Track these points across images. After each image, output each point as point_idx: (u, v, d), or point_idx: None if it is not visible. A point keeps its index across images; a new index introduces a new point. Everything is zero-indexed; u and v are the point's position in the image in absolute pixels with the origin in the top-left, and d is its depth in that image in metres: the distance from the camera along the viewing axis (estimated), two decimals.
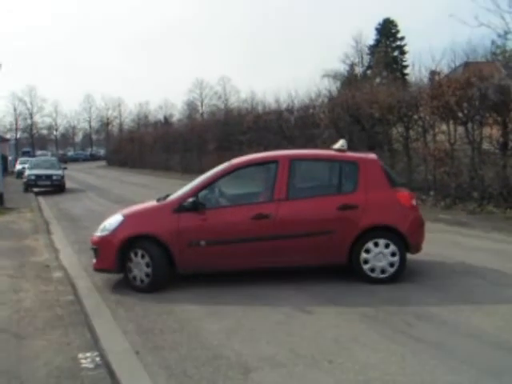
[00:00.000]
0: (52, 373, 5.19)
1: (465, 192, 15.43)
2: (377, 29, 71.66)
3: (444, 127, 16.84)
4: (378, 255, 8.07)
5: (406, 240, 8.17)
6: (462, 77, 16.22)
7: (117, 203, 20.13)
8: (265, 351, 5.65)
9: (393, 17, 71.60)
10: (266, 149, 26.50)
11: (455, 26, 68.27)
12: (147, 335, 6.25)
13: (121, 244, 8.12)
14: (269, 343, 5.87)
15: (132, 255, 8.10)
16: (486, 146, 15.61)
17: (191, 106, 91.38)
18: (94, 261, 8.50)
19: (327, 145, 19.98)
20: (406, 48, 70.19)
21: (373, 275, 8.08)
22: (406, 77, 50.25)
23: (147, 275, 8.04)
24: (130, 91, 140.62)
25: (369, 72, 65.62)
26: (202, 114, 77.99)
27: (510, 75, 18.08)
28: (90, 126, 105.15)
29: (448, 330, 6.14)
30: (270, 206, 8.10)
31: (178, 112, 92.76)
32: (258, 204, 8.27)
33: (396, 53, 70.54)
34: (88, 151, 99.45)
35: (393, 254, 8.08)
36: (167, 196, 8.91)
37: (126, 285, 8.33)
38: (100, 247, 8.38)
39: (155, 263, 8.00)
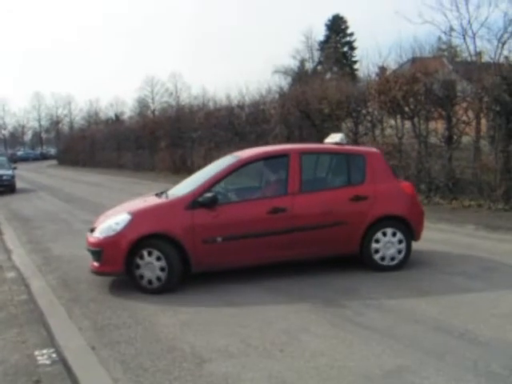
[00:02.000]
0: (9, 370, 5.25)
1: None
2: (327, 25, 72.24)
3: (392, 122, 17.26)
4: (387, 244, 8.42)
5: (411, 228, 8.58)
6: (408, 72, 16.65)
7: (69, 203, 20.05)
8: (218, 343, 5.79)
9: (342, 13, 72.31)
10: (217, 145, 26.74)
11: (402, 23, 69.39)
12: (103, 331, 6.32)
13: (131, 245, 7.68)
14: (222, 335, 6.01)
15: (145, 254, 7.70)
16: (432, 139, 16.05)
17: (142, 103, 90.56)
18: (96, 264, 7.97)
19: (278, 140, 20.36)
20: (355, 44, 70.98)
21: (383, 263, 8.42)
22: (356, 72, 50.99)
23: (158, 278, 7.71)
24: (80, 88, 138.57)
25: (319, 68, 66.19)
26: (153, 111, 77.40)
27: (455, 70, 18.54)
28: (40, 125, 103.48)
29: (395, 317, 6.38)
30: (286, 199, 8.15)
31: (129, 109, 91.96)
32: (273, 198, 8.26)
33: (346, 48, 71.23)
34: (38, 150, 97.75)
35: (400, 242, 8.48)
36: (165, 191, 8.90)
37: (80, 283, 8.38)
38: (105, 249, 7.82)
39: (171, 264, 7.70)
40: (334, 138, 9.30)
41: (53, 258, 10.39)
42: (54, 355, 5.51)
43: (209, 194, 7.90)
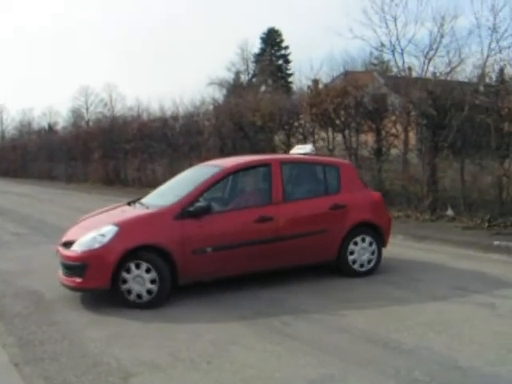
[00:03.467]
0: None
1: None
2: (262, 38, 72.64)
3: (323, 134, 17.54)
4: (361, 250, 8.76)
5: (382, 235, 9.02)
6: (339, 86, 16.98)
7: None
8: (145, 356, 5.74)
9: (277, 26, 72.91)
10: (150, 157, 26.58)
11: (335, 37, 70.56)
12: (27, 347, 6.16)
13: (120, 257, 7.30)
14: (149, 348, 5.96)
15: (132, 267, 7.37)
16: (362, 151, 16.41)
17: (76, 114, 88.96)
18: (78, 280, 7.43)
19: (212, 153, 20.40)
20: (290, 57, 71.66)
21: (358, 269, 8.80)
22: (291, 85, 51.52)
23: (149, 292, 7.40)
24: (13, 98, 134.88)
25: (254, 80, 66.57)
26: (87, 122, 76.17)
27: (386, 84, 19.00)
28: None
29: (323, 327, 6.48)
30: (271, 208, 8.24)
31: (62, 119, 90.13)
32: (258, 207, 8.29)
33: (280, 61, 71.84)
34: None
35: (372, 249, 8.90)
36: (138, 199, 8.86)
37: (5, 298, 8.17)
38: (90, 263, 7.34)
39: (163, 277, 7.43)
40: (302, 149, 9.64)
41: None
42: None
43: (201, 204, 7.79)
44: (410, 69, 19.37)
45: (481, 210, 13.08)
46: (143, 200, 8.83)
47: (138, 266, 7.41)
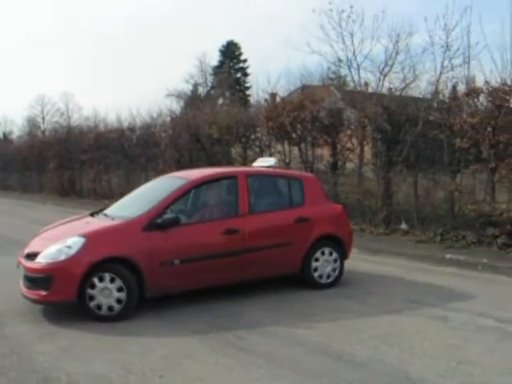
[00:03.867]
0: None
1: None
2: (221, 50, 72.78)
3: (280, 147, 17.61)
4: (325, 263, 8.87)
5: (344, 247, 9.16)
6: (296, 99, 17.04)
7: None
8: (96, 369, 5.65)
9: (236, 39, 73.15)
10: (107, 168, 26.31)
11: (292, 51, 70.51)
12: None
13: (88, 269, 7.13)
14: (101, 361, 5.87)
15: (99, 279, 7.22)
16: (318, 165, 16.52)
17: (32, 123, 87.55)
18: (43, 293, 7.21)
19: (169, 164, 20.33)
20: (248, 70, 71.97)
21: (321, 281, 8.89)
22: (249, 98, 51.64)
23: (112, 307, 7.26)
24: None
25: (212, 92, 66.58)
26: (43, 132, 75.01)
27: (343, 99, 19.15)
28: None
29: (277, 340, 6.47)
30: (237, 220, 8.25)
31: (18, 129, 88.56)
32: (225, 219, 8.29)
33: (239, 74, 72.08)
34: None
35: (335, 261, 9.04)
36: (101, 210, 8.77)
37: None
38: (56, 275, 7.14)
39: (131, 289, 7.34)
40: (266, 162, 9.72)
41: None
42: None
43: (170, 216, 7.75)
44: (366, 84, 19.55)
45: (433, 224, 13.25)
46: (107, 211, 8.74)
47: (103, 279, 7.28)
